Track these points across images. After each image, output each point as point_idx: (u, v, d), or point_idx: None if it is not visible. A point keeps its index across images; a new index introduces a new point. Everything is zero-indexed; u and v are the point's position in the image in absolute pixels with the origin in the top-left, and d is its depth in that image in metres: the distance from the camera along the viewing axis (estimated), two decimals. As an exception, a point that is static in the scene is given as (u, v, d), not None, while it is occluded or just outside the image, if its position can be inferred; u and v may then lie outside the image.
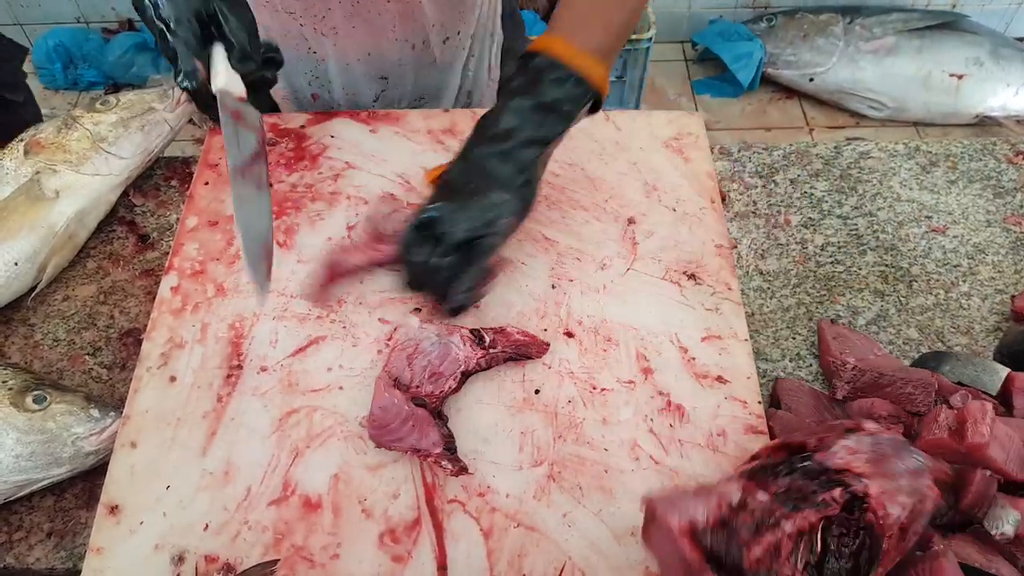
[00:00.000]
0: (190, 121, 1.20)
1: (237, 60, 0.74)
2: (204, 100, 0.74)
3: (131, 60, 2.65)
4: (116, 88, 2.68)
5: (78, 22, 2.75)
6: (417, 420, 0.78)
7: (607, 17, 0.82)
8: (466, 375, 0.83)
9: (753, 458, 0.73)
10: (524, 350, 0.85)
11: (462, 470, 0.77)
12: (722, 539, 0.63)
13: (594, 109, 0.84)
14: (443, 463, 0.77)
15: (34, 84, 2.73)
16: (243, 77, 0.75)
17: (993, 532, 0.72)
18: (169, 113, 1.11)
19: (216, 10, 0.72)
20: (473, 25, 1.17)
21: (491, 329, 0.85)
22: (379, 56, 1.13)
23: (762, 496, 0.65)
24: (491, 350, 0.83)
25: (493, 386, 0.85)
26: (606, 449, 0.81)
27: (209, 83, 0.73)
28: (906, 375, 0.86)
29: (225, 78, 0.73)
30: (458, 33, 1.15)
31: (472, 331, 0.84)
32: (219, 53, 0.74)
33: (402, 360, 0.82)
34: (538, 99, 0.79)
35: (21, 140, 1.06)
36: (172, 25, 0.71)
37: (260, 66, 0.76)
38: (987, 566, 0.72)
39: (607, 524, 0.77)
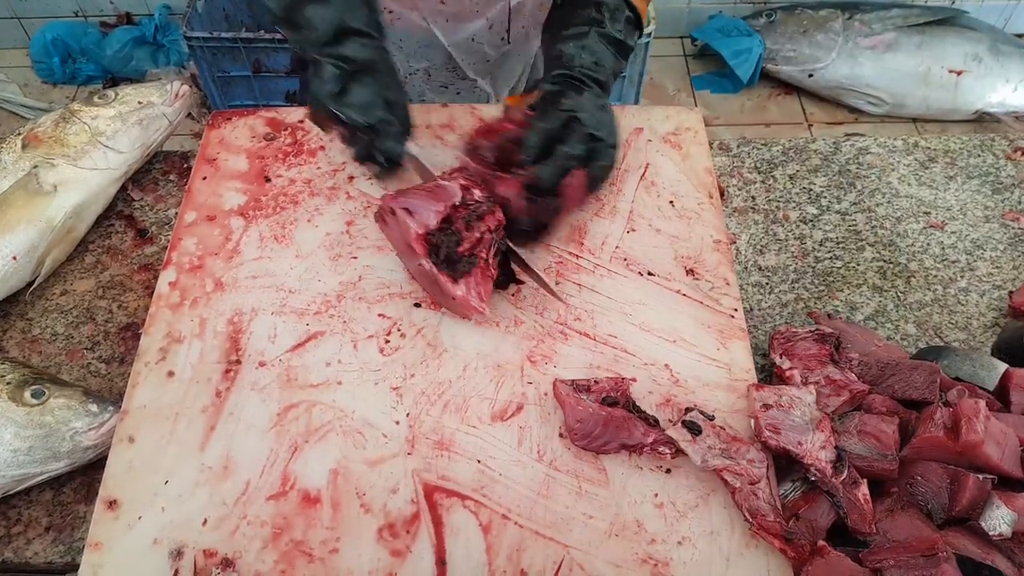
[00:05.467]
0: (188, 115, 1.20)
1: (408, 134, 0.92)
2: (400, 162, 0.91)
3: (129, 54, 2.64)
4: (114, 82, 2.67)
5: (76, 16, 2.74)
6: (614, 420, 0.79)
7: None
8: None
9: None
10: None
11: (678, 452, 0.79)
12: (444, 237, 0.83)
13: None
14: (660, 449, 0.79)
15: (31, 78, 2.73)
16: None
17: (991, 533, 0.73)
18: (167, 107, 1.11)
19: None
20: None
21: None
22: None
23: (478, 195, 0.86)
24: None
25: (492, 381, 0.85)
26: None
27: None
28: (913, 363, 0.86)
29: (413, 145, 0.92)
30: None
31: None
32: None
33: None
34: (614, 35, 0.94)
35: (19, 134, 1.06)
36: (391, 109, 0.87)
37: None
38: (984, 559, 0.72)
39: (605, 519, 0.77)
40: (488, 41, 1.18)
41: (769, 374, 0.91)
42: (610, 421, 0.78)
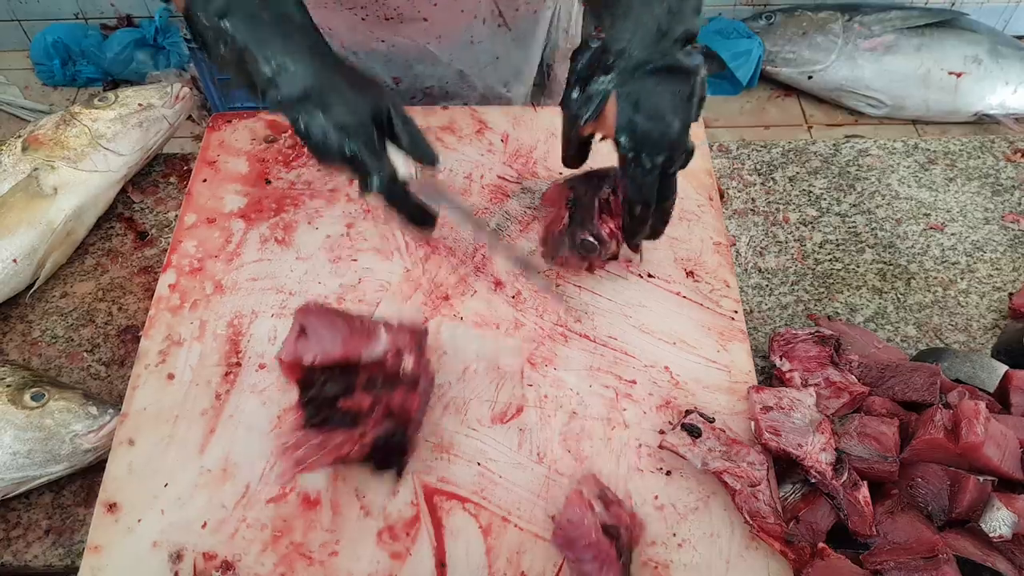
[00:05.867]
0: (189, 118, 1.20)
1: (413, 150, 0.78)
2: (395, 195, 0.77)
3: (130, 56, 2.64)
4: (115, 84, 2.68)
5: (76, 18, 2.74)
6: (602, 553, 0.71)
7: None
8: None
9: None
10: None
11: None
12: (329, 378, 0.70)
13: None
14: None
15: (32, 80, 2.73)
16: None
17: (991, 535, 0.73)
18: (168, 110, 1.11)
19: (388, 111, 0.76)
20: None
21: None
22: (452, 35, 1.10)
23: (408, 364, 0.72)
24: None
25: (492, 383, 0.85)
26: (605, 447, 0.81)
27: (394, 177, 0.77)
28: (913, 365, 0.86)
29: (406, 166, 0.77)
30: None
31: None
32: (391, 150, 0.77)
33: None
34: None
35: (19, 136, 1.06)
36: (349, 137, 0.73)
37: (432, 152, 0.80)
38: (984, 561, 0.72)
39: (605, 521, 0.77)
40: (487, 36, 1.13)
41: (769, 376, 0.91)
42: (599, 554, 0.71)
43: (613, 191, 0.85)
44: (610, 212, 0.86)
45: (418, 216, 0.80)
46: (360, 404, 0.71)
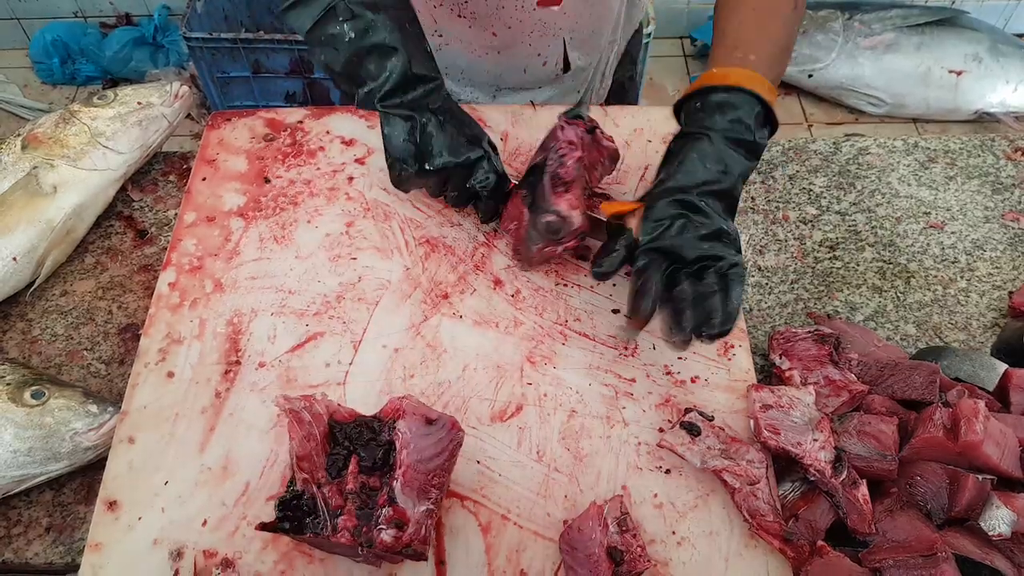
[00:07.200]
0: (188, 116, 1.20)
1: None
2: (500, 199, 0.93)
3: (129, 55, 2.64)
4: (114, 83, 2.67)
5: (76, 16, 2.74)
6: (598, 571, 0.71)
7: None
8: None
9: None
10: None
11: None
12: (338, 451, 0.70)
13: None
14: None
15: (31, 78, 2.73)
16: None
17: (990, 533, 0.73)
18: (167, 108, 1.11)
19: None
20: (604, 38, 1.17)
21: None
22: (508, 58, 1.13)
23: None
24: None
25: (492, 382, 0.85)
26: (604, 445, 0.81)
27: None
28: (912, 364, 0.86)
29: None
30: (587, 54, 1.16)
31: None
32: None
33: None
34: (740, 136, 0.80)
35: (18, 135, 1.06)
36: (473, 154, 0.87)
37: None
38: (983, 559, 0.72)
39: (605, 519, 0.77)
40: (543, 75, 1.15)
41: (769, 375, 0.91)
42: (595, 570, 0.72)
43: (560, 163, 0.84)
44: (564, 186, 0.85)
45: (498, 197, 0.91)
46: (342, 491, 0.69)
